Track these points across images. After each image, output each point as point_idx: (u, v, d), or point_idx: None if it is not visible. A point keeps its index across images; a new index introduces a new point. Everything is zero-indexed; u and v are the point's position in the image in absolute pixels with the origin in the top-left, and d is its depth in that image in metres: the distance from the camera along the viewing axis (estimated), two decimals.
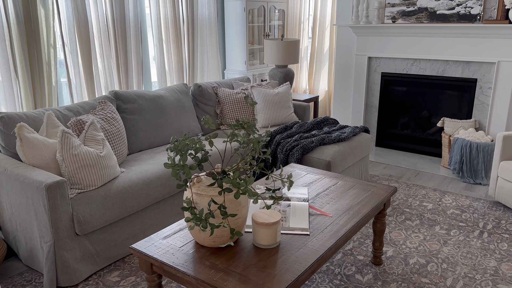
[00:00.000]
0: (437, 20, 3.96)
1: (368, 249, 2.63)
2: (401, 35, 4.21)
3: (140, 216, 2.56)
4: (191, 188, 1.62)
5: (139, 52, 3.96)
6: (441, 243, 2.69)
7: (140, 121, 3.13)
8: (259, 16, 5.34)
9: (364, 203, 2.18)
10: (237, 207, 1.65)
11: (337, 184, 2.43)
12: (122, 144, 2.79)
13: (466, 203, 3.27)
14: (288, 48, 4.48)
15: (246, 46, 5.07)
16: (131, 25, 3.86)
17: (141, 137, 3.12)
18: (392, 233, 2.82)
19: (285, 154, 3.21)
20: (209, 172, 1.68)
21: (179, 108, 3.43)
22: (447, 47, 3.98)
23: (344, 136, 3.38)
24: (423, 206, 3.23)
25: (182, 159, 1.45)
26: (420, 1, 4.02)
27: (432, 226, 2.91)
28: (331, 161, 3.05)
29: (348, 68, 4.76)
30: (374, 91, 4.60)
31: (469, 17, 3.77)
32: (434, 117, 4.31)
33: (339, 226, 1.93)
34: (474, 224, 2.94)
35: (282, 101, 3.92)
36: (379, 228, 2.39)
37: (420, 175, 3.89)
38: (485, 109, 3.96)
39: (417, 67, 4.25)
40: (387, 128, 4.64)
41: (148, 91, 3.30)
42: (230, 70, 5.31)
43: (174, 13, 4.21)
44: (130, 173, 2.60)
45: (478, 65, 3.91)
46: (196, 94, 3.72)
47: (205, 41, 4.67)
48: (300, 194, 2.21)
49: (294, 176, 2.55)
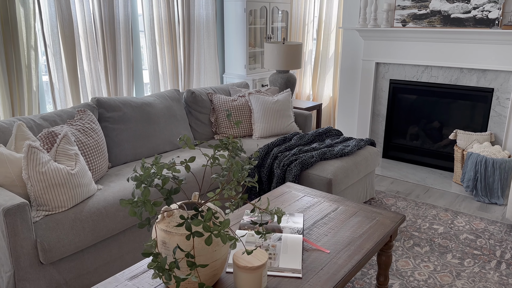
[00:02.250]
0: (451, 24, 3.66)
1: (372, 282, 2.35)
2: (411, 40, 3.91)
3: (117, 240, 2.30)
4: (159, 224, 1.36)
5: (130, 55, 3.70)
6: (454, 275, 2.40)
7: (124, 130, 2.87)
8: (261, 17, 5.06)
9: (367, 235, 1.90)
10: (215, 247, 1.37)
11: (338, 210, 2.15)
12: (101, 158, 2.53)
13: (481, 226, 2.97)
14: (290, 53, 4.20)
15: (246, 49, 4.80)
16: (121, 25, 3.60)
17: (126, 149, 2.86)
18: (399, 261, 2.54)
19: (282, 169, 2.94)
20: (182, 204, 1.41)
21: (169, 116, 3.17)
22: (462, 53, 3.68)
23: (347, 150, 3.10)
24: (434, 229, 2.94)
25: (144, 193, 1.19)
26: (432, 3, 3.72)
27: (444, 254, 2.61)
28: (332, 179, 2.77)
29: (354, 74, 4.47)
30: (381, 99, 4.31)
31: (487, 21, 3.47)
32: (446, 128, 4.01)
33: (338, 267, 1.65)
34: (491, 252, 2.64)
35: (281, 110, 3.64)
36: (384, 261, 2.10)
37: (430, 192, 3.59)
38: (502, 122, 3.65)
39: (429, 74, 3.95)
40: (395, 138, 4.34)
41: (135, 98, 3.04)
42: (229, 74, 5.04)
43: (168, 13, 3.95)
44: (107, 191, 2.34)
45: (495, 74, 3.60)
46: (189, 101, 3.46)
47: (202, 43, 4.41)
48: (294, 223, 1.94)
49: (289, 199, 2.27)
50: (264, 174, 3.05)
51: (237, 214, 2.06)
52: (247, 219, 1.93)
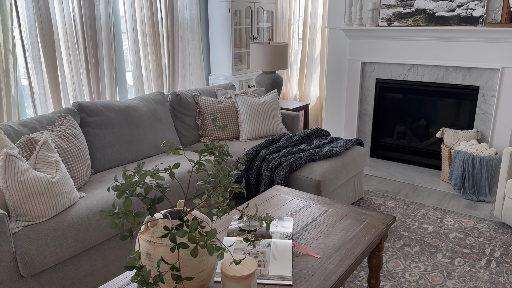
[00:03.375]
0: (436, 22, 3.67)
1: (363, 284, 2.32)
2: (397, 39, 3.91)
3: (101, 249, 2.23)
4: (143, 235, 1.30)
5: (112, 57, 3.62)
6: (445, 275, 2.39)
7: (108, 135, 2.79)
8: (246, 17, 5.01)
9: (358, 238, 1.86)
10: (202, 257, 1.32)
11: (327, 213, 2.11)
12: (83, 164, 2.45)
13: (469, 224, 2.97)
14: (276, 53, 4.16)
15: (231, 50, 4.75)
16: (103, 27, 3.51)
17: (109, 154, 2.78)
18: (390, 262, 2.51)
19: (270, 172, 2.90)
20: (166, 213, 1.35)
21: (154, 120, 3.10)
22: (447, 52, 3.69)
23: (335, 150, 3.07)
24: (423, 228, 2.93)
25: (126, 203, 1.13)
26: (417, 2, 3.72)
27: (434, 254, 2.60)
28: (321, 181, 2.74)
29: (340, 74, 4.46)
30: (368, 98, 4.30)
31: (471, 19, 3.48)
32: (433, 126, 4.02)
33: (329, 272, 1.61)
34: (480, 250, 2.64)
35: (268, 111, 3.60)
36: (375, 264, 2.07)
37: (419, 191, 3.59)
38: (488, 119, 3.67)
39: (414, 73, 3.95)
40: (382, 138, 4.34)
41: (118, 102, 2.96)
42: (215, 76, 4.98)
43: (151, 15, 3.88)
44: (91, 199, 2.27)
45: (480, 72, 3.62)
46: (174, 103, 3.39)
47: (186, 44, 4.34)
48: (284, 228, 1.89)
49: (278, 202, 2.23)
50: (252, 177, 3.00)
51: (225, 220, 2.01)
52: (235, 225, 1.88)
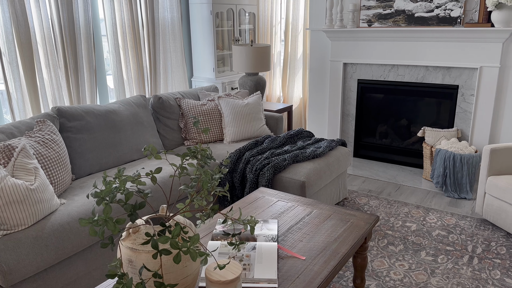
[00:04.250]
0: (415, 23, 3.72)
1: (349, 284, 2.33)
2: (377, 40, 3.95)
3: (83, 256, 2.19)
4: (124, 242, 1.27)
5: (92, 61, 3.56)
6: (428, 272, 2.41)
7: (88, 140, 2.74)
8: (228, 19, 5.00)
9: (342, 239, 1.87)
10: (185, 263, 1.30)
11: (312, 214, 2.11)
12: (63, 170, 2.40)
13: (452, 222, 3.02)
14: (258, 55, 4.16)
15: (214, 52, 4.73)
16: (82, 30, 3.46)
17: (90, 159, 2.74)
18: (374, 261, 2.53)
19: (255, 174, 2.89)
20: (148, 219, 1.33)
21: (136, 124, 3.06)
22: (427, 52, 3.74)
23: (319, 151, 3.08)
24: (407, 227, 2.96)
25: (106, 210, 1.10)
26: (397, 3, 3.77)
27: (418, 252, 2.63)
28: (305, 182, 2.74)
29: (323, 75, 4.48)
30: (350, 99, 4.33)
31: (449, 20, 3.54)
32: (414, 125, 4.07)
33: (314, 274, 1.61)
34: (463, 247, 2.68)
35: (252, 113, 3.60)
36: (360, 264, 2.08)
37: (401, 189, 3.63)
38: (467, 118, 3.74)
39: (395, 73, 4.00)
40: (365, 137, 4.38)
41: (99, 106, 2.91)
42: (197, 78, 4.96)
43: (132, 17, 3.83)
44: (71, 205, 2.22)
45: (459, 71, 3.68)
46: (156, 106, 3.35)
47: (168, 47, 4.30)
48: (269, 231, 1.89)
49: (262, 204, 2.22)
50: (237, 179, 2.99)
51: (210, 224, 1.99)
52: (219, 229, 1.87)
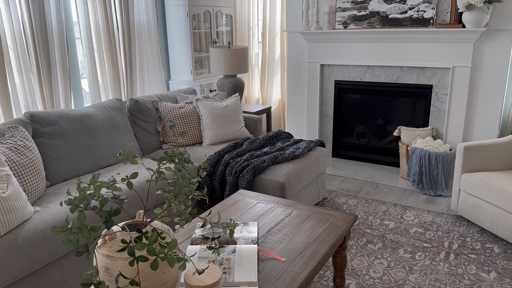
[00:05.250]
0: (389, 24, 3.79)
1: (329, 283, 2.34)
2: (353, 41, 4.00)
3: (59, 265, 2.13)
4: (100, 249, 1.25)
5: (66, 64, 3.48)
6: (407, 270, 2.45)
7: (63, 146, 2.68)
8: (205, 21, 4.98)
9: (322, 239, 1.88)
10: (164, 269, 1.28)
11: (292, 215, 2.12)
12: (37, 177, 2.34)
13: (428, 219, 3.08)
14: (236, 57, 4.16)
15: (191, 54, 4.70)
16: (55, 33, 3.38)
17: (65, 165, 2.67)
18: (354, 260, 2.56)
19: (234, 176, 2.88)
20: (124, 226, 1.31)
21: (111, 128, 3.00)
22: (401, 52, 3.81)
23: (298, 152, 3.09)
24: (385, 225, 3.00)
25: (80, 218, 1.08)
26: (371, 5, 3.83)
27: (396, 250, 2.67)
28: (285, 183, 2.75)
29: (300, 76, 4.51)
30: (328, 99, 4.37)
31: (422, 21, 3.62)
32: (390, 125, 4.14)
33: (294, 275, 1.61)
34: (439, 244, 2.73)
35: (231, 115, 3.59)
36: (339, 263, 2.10)
37: (379, 188, 3.68)
38: (441, 116, 3.83)
39: (371, 74, 4.06)
40: (343, 138, 4.43)
41: (73, 110, 2.85)
42: (175, 81, 4.91)
43: (106, 20, 3.77)
44: (46, 212, 2.16)
45: (433, 71, 3.77)
46: (133, 110, 3.31)
47: (144, 49, 4.25)
48: (248, 233, 1.88)
49: (242, 207, 2.22)
50: (217, 182, 2.97)
51: (189, 228, 1.97)
52: (199, 233, 1.85)
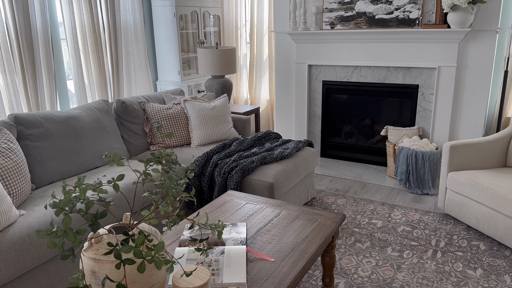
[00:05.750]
0: (376, 25, 3.82)
1: (318, 283, 2.35)
2: (340, 42, 4.03)
3: (45, 269, 2.10)
4: (86, 253, 1.23)
5: (51, 66, 3.44)
6: (395, 268, 2.47)
7: (48, 148, 2.64)
8: (192, 22, 4.96)
9: (310, 238, 1.88)
10: (151, 271, 1.27)
11: (280, 215, 2.12)
12: (22, 180, 2.30)
13: (416, 217, 3.11)
14: (224, 57, 4.15)
15: (179, 55, 4.68)
16: (39, 34, 3.33)
17: (51, 167, 2.64)
18: (343, 259, 2.57)
19: (223, 177, 2.87)
20: (110, 228, 1.29)
21: (98, 129, 2.97)
22: (387, 53, 3.85)
23: (287, 152, 3.10)
24: (373, 224, 3.02)
25: (65, 221, 1.06)
26: (358, 5, 3.86)
27: (384, 248, 2.69)
28: (273, 183, 2.75)
29: (288, 77, 4.52)
30: (316, 100, 4.39)
31: (408, 21, 3.66)
32: (377, 125, 4.17)
33: (283, 275, 1.61)
34: (427, 242, 2.76)
35: (219, 116, 3.58)
36: (328, 262, 2.11)
37: (367, 187, 3.71)
38: (428, 116, 3.87)
39: (358, 74, 4.09)
40: (331, 137, 4.45)
41: (59, 112, 2.81)
42: (163, 81, 4.88)
43: (92, 20, 3.73)
44: (31, 216, 2.13)
45: (419, 71, 3.81)
46: (120, 111, 3.28)
47: (131, 50, 4.22)
48: (237, 234, 1.88)
49: (231, 208, 2.21)
50: (205, 183, 2.96)
51: (177, 230, 1.96)
52: (187, 235, 1.84)
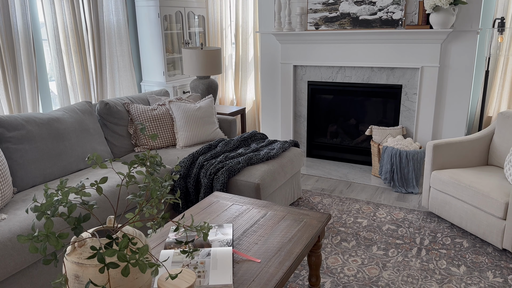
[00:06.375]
0: (360, 26, 3.85)
1: (305, 283, 2.36)
2: (325, 42, 4.05)
3: (28, 274, 2.06)
4: (69, 257, 1.21)
5: (33, 67, 3.38)
6: (380, 266, 2.50)
7: (30, 151, 2.59)
8: (177, 22, 4.93)
9: (296, 238, 1.89)
10: (136, 275, 1.26)
11: (266, 215, 2.12)
12: (3, 183, 2.25)
13: (400, 216, 3.15)
14: (209, 58, 4.13)
15: (163, 56, 4.64)
16: (20, 35, 3.27)
17: (33, 170, 2.59)
18: (329, 259, 2.58)
19: (209, 178, 2.86)
20: (94, 232, 1.27)
21: (81, 131, 2.93)
22: (371, 53, 3.89)
23: (273, 153, 3.10)
24: (358, 223, 3.05)
25: (47, 225, 1.04)
26: (342, 6, 3.88)
27: (369, 247, 2.72)
28: (260, 184, 2.75)
29: (274, 77, 4.53)
30: (301, 100, 4.41)
31: (391, 22, 3.70)
32: (362, 124, 4.21)
33: (269, 275, 1.61)
34: (411, 240, 2.80)
35: (205, 117, 3.56)
36: (314, 262, 2.12)
37: (352, 187, 3.74)
38: (411, 115, 3.92)
39: (343, 74, 4.12)
40: (317, 138, 4.47)
41: (41, 114, 2.77)
42: (147, 82, 4.84)
43: (74, 21, 3.68)
44: (13, 220, 2.09)
45: (402, 71, 3.85)
46: (103, 113, 3.23)
47: (114, 51, 4.17)
48: (223, 235, 1.87)
49: (217, 209, 2.20)
50: (191, 184, 2.94)
51: (162, 232, 1.94)
52: (172, 237, 1.83)
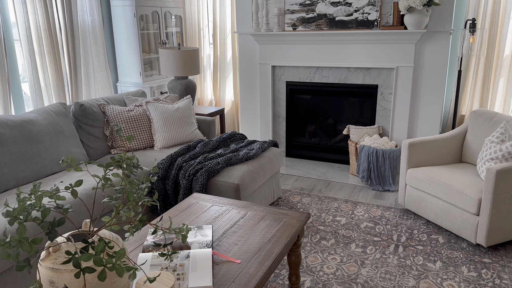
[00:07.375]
0: (336, 27, 3.90)
1: (285, 282, 2.37)
2: (302, 43, 4.08)
3: (1, 280, 1.99)
4: (44, 262, 1.18)
5: (4, 68, 3.28)
6: (359, 264, 2.53)
7: (2, 154, 2.51)
8: (153, 22, 4.88)
9: (276, 238, 1.89)
10: (113, 279, 1.24)
11: (246, 216, 2.12)
12: None
13: (378, 213, 3.20)
14: (187, 58, 4.10)
15: (140, 56, 4.58)
16: None
17: (5, 174, 2.51)
18: (308, 257, 2.60)
19: (188, 180, 2.84)
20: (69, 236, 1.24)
21: (55, 133, 2.86)
22: (348, 54, 3.94)
23: (252, 153, 3.11)
24: (337, 221, 3.08)
25: (19, 230, 1.01)
26: (319, 7, 3.92)
27: (348, 245, 2.75)
28: (239, 184, 2.75)
29: (253, 77, 4.53)
30: (280, 100, 4.43)
31: (367, 23, 3.76)
32: (340, 124, 4.26)
33: (249, 276, 1.61)
34: (388, 237, 2.85)
35: (183, 117, 3.53)
36: (294, 261, 2.13)
37: (331, 186, 3.78)
38: (387, 115, 3.99)
39: (320, 75, 4.16)
40: (296, 137, 4.50)
41: (13, 116, 2.69)
42: (123, 83, 4.77)
43: (47, 21, 3.59)
44: None
45: (378, 71, 3.92)
46: (78, 114, 3.17)
47: (89, 51, 4.09)
48: (203, 237, 1.86)
49: (196, 210, 2.19)
50: (170, 186, 2.91)
51: (140, 235, 1.92)
52: (150, 240, 1.81)
